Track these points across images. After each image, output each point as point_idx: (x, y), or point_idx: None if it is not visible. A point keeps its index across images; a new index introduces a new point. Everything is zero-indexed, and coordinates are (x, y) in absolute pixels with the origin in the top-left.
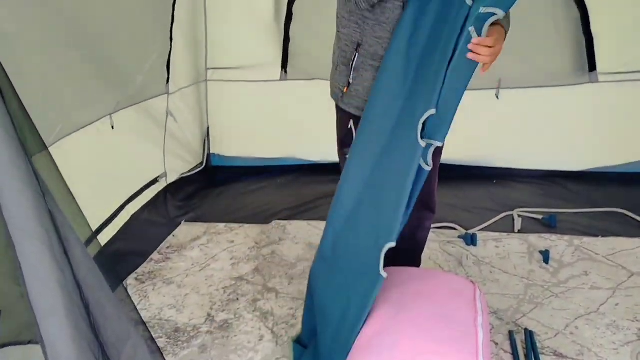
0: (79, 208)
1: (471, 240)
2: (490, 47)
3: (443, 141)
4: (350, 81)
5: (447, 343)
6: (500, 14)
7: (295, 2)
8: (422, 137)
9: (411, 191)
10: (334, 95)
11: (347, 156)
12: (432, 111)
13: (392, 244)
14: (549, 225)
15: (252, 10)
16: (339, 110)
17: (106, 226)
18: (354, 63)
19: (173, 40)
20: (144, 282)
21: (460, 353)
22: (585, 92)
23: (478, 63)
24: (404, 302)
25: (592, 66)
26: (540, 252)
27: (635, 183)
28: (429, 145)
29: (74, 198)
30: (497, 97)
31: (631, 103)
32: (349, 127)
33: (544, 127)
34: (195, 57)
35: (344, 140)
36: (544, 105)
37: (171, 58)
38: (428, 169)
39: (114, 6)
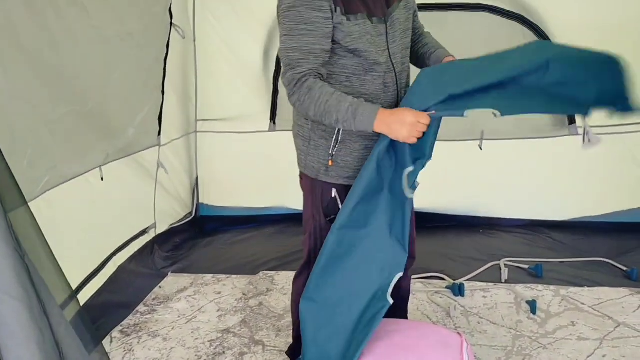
0: (59, 267)
1: (459, 291)
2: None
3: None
4: (333, 153)
5: None
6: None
7: None
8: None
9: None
10: (309, 170)
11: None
12: (410, 168)
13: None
14: (535, 275)
15: (242, 64)
16: (319, 182)
17: (93, 278)
18: (341, 136)
19: (165, 94)
20: (129, 335)
21: None
22: (565, 144)
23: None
24: (390, 356)
25: (571, 120)
26: (528, 302)
27: (618, 233)
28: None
29: (53, 257)
30: (481, 148)
31: (610, 155)
32: (333, 196)
33: (527, 178)
34: (186, 109)
35: (327, 210)
36: (527, 156)
37: (163, 111)
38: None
39: (105, 60)
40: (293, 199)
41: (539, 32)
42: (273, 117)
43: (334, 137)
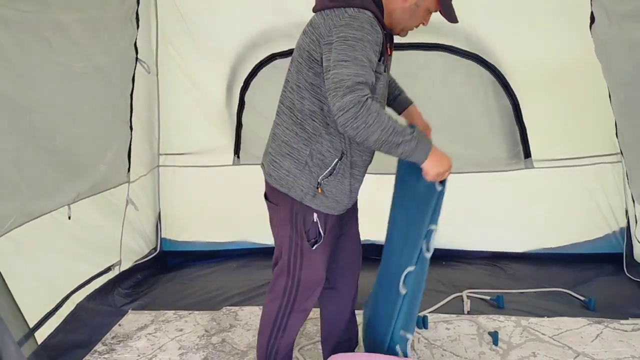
0: (16, 304)
1: (422, 323)
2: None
3: None
4: (323, 182)
5: None
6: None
7: (248, 91)
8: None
9: None
10: (294, 192)
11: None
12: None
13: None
14: (497, 305)
15: (205, 98)
16: (302, 206)
17: (50, 317)
18: (335, 169)
19: (133, 130)
20: None
21: None
22: (522, 178)
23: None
24: None
25: (527, 153)
26: (490, 333)
27: (575, 263)
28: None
29: (10, 294)
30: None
31: (565, 188)
32: (314, 221)
33: (487, 210)
34: (151, 144)
35: (309, 233)
36: (487, 189)
37: (132, 147)
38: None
39: (73, 96)
40: (256, 233)
41: (495, 72)
42: (237, 150)
43: (330, 168)
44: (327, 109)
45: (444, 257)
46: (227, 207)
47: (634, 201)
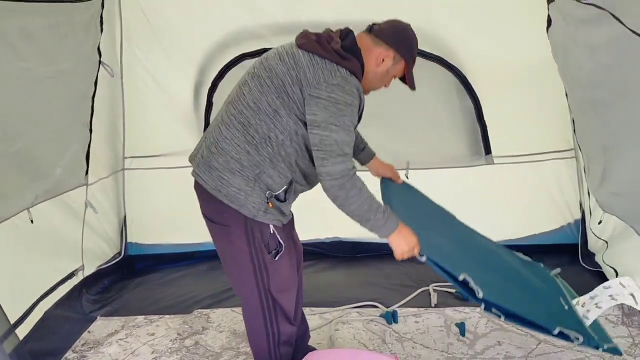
0: None
1: (392, 318)
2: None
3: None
4: (272, 198)
5: None
6: None
7: (215, 92)
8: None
9: None
10: (246, 209)
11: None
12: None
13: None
14: (461, 297)
15: (171, 100)
16: (255, 222)
17: (18, 326)
18: (293, 188)
19: (92, 132)
20: None
21: None
22: (483, 173)
23: None
24: None
25: (488, 150)
26: (457, 324)
27: (533, 254)
28: None
29: None
30: (407, 177)
31: (523, 182)
32: (272, 232)
33: (450, 205)
34: (114, 147)
35: (269, 246)
36: (448, 185)
37: (90, 149)
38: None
39: (33, 99)
40: None
41: (458, 73)
42: None
43: (279, 191)
44: (282, 140)
45: None
46: (196, 208)
47: (589, 194)
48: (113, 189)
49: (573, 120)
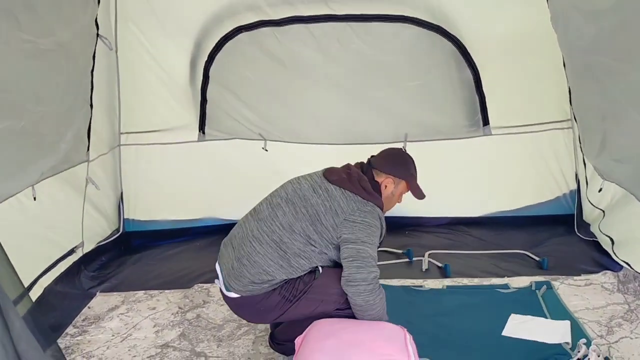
0: (10, 264)
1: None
2: None
3: None
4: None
5: None
6: None
7: (212, 65)
8: None
9: None
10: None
11: None
12: None
13: None
14: (445, 274)
15: (167, 74)
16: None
17: (19, 302)
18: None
19: (93, 107)
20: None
21: None
22: (480, 144)
23: None
24: (340, 352)
25: (486, 121)
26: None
27: (529, 226)
28: None
29: (7, 257)
30: (405, 150)
31: (520, 153)
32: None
33: (448, 176)
34: (112, 123)
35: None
36: (446, 156)
37: (91, 125)
38: None
39: (38, 73)
40: (224, 209)
41: (457, 43)
42: (202, 126)
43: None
44: (311, 251)
45: (406, 225)
46: (193, 184)
47: (585, 164)
48: (111, 165)
49: (570, 90)
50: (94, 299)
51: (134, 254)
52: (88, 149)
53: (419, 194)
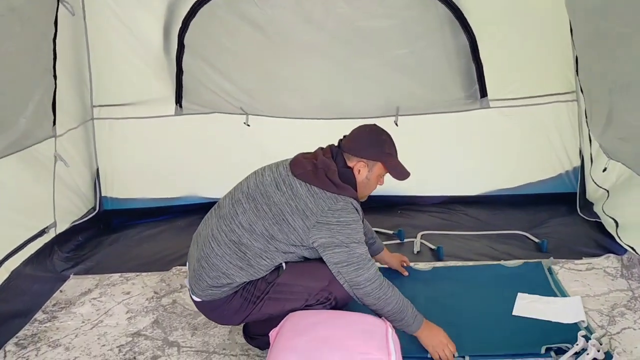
0: None
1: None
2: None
3: None
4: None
5: None
6: None
7: (187, 33)
8: None
9: None
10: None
11: None
12: None
13: None
14: (437, 257)
15: (140, 43)
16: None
17: None
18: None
19: (57, 78)
20: (25, 347)
21: None
22: (477, 118)
23: None
24: (313, 351)
25: (483, 93)
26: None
27: (529, 205)
28: None
29: None
30: (396, 124)
31: (520, 127)
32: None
33: (442, 153)
34: (82, 95)
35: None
36: (441, 131)
37: (57, 97)
38: None
39: None
40: (205, 187)
41: (452, 6)
42: (179, 99)
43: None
44: (274, 251)
45: (398, 204)
46: (172, 160)
47: (590, 140)
48: (83, 140)
49: (577, 59)
50: (67, 282)
51: (112, 233)
52: (54, 124)
53: (400, 174)
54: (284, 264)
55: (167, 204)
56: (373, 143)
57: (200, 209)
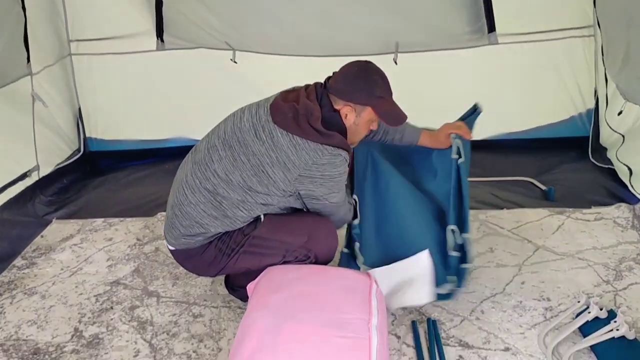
0: None
1: None
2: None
3: None
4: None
5: (337, 355)
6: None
7: None
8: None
9: None
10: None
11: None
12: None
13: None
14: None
15: None
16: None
17: None
18: None
19: (26, 10)
20: (1, 295)
21: None
22: (484, 55)
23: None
24: (287, 310)
25: (491, 27)
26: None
27: (537, 150)
28: None
29: None
30: (395, 62)
31: (531, 65)
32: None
33: (445, 93)
34: (56, 29)
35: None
36: (443, 70)
37: (28, 32)
38: None
39: None
40: (192, 128)
41: None
42: (160, 33)
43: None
44: (252, 202)
45: None
46: (156, 99)
47: (606, 80)
48: (62, 78)
49: None
50: (49, 227)
51: (98, 176)
52: (28, 61)
53: (393, 120)
54: (262, 216)
55: (154, 146)
56: (362, 84)
57: (188, 151)
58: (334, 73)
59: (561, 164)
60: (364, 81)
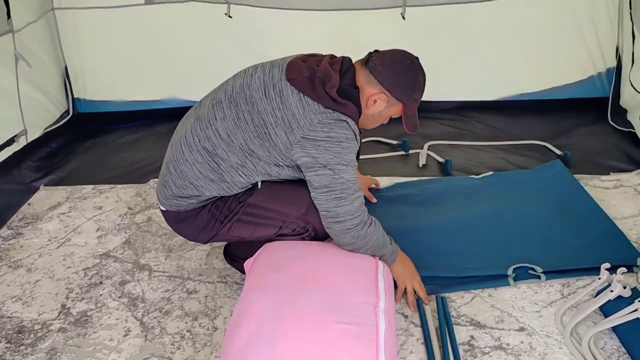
0: None
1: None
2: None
3: None
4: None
5: (340, 343)
6: None
7: None
8: None
9: None
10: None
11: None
12: None
13: None
14: (445, 171)
15: None
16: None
17: None
18: None
19: None
20: None
21: (354, 355)
22: (497, 9)
23: None
24: (287, 292)
25: None
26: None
27: (553, 112)
28: None
29: None
30: (404, 17)
31: (548, 20)
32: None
33: (455, 51)
34: None
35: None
36: (455, 25)
37: None
38: None
39: None
40: (186, 89)
41: None
42: None
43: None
44: (252, 167)
45: None
46: (147, 58)
47: (633, 37)
48: (47, 35)
49: None
50: (36, 194)
51: (87, 140)
52: (9, 16)
53: (411, 126)
54: (259, 183)
55: (146, 107)
56: (408, 81)
57: (182, 113)
58: (377, 52)
59: (578, 127)
60: (412, 79)
